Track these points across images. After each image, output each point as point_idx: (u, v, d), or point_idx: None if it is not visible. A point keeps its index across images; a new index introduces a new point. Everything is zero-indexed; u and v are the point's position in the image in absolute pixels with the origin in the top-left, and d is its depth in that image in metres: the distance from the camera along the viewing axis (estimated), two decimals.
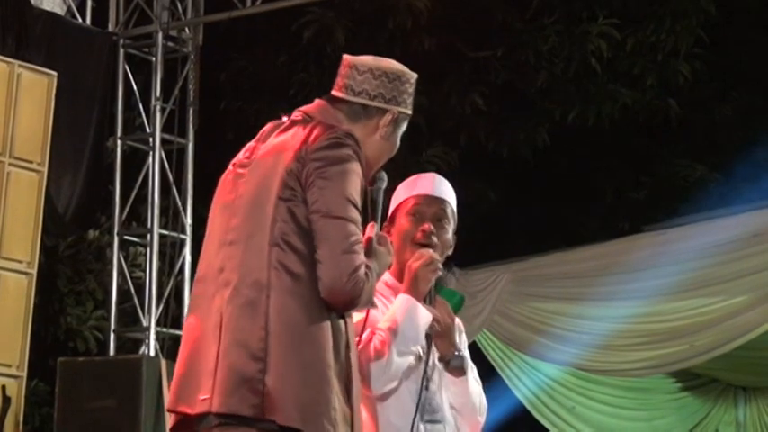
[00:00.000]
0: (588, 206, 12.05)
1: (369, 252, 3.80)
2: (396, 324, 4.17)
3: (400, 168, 11.26)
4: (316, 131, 3.74)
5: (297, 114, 3.89)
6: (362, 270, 3.65)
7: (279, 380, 3.61)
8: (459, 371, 4.30)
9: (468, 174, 11.59)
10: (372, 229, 3.88)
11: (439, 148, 11.65)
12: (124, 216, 10.01)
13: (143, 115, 10.07)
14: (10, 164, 8.23)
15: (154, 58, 10.04)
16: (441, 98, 11.71)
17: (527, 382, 9.68)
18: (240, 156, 3.88)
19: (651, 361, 8.88)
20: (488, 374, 9.71)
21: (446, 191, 4.43)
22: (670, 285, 8.43)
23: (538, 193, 11.98)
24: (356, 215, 3.68)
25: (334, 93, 3.90)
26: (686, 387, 10.31)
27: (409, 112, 3.98)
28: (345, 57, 3.98)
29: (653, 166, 12.15)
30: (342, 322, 3.74)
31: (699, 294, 8.47)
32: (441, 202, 4.38)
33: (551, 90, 11.76)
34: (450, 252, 4.43)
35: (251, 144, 3.89)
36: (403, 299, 4.21)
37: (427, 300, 4.24)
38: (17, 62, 8.39)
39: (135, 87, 10.06)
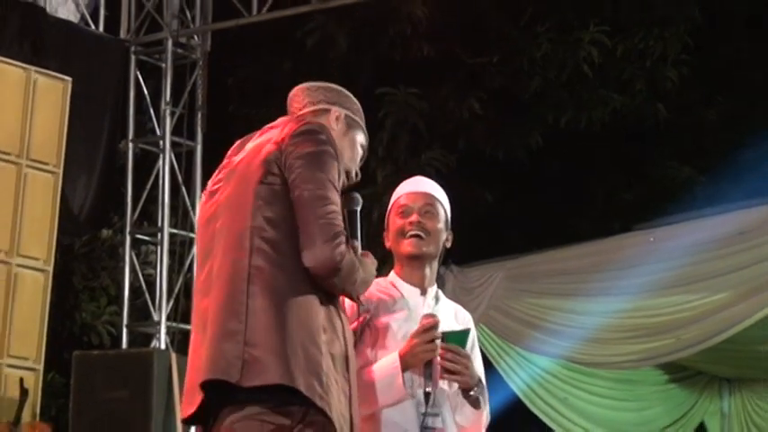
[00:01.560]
0: (580, 206, 12.02)
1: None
2: (372, 380, 4.17)
3: (401, 170, 11.37)
4: (291, 125, 3.80)
5: (265, 128, 3.93)
6: (342, 239, 3.65)
7: (261, 343, 3.59)
8: (476, 403, 4.27)
9: (465, 176, 11.60)
10: (354, 247, 3.87)
11: (438, 151, 11.62)
12: (136, 216, 10.05)
13: (154, 119, 10.12)
14: (27, 165, 8.29)
15: (164, 65, 10.08)
16: (439, 103, 11.72)
17: (521, 375, 9.64)
18: (215, 174, 3.91)
19: (640, 354, 8.86)
20: (484, 367, 9.73)
21: (431, 187, 4.47)
22: (658, 282, 8.43)
23: (532, 194, 11.96)
24: (334, 194, 3.71)
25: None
26: (673, 379, 10.28)
27: (359, 121, 4.04)
28: (295, 89, 4.07)
29: (642, 168, 12.14)
30: (336, 306, 3.75)
31: (685, 290, 8.45)
32: (426, 195, 4.41)
33: (545, 95, 11.74)
34: (448, 245, 4.44)
35: (222, 163, 3.92)
36: (389, 365, 4.19)
37: (426, 368, 4.20)
38: (33, 68, 8.44)
39: (146, 92, 10.09)
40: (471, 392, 4.25)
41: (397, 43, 11.66)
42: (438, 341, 4.21)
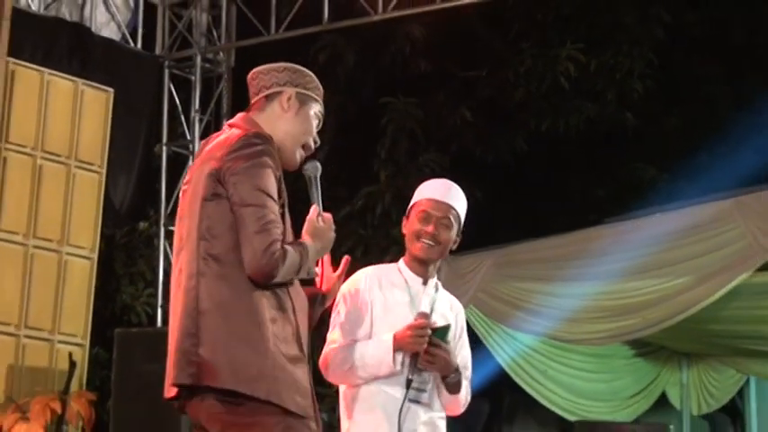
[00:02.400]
0: (558, 202, 11.96)
1: (309, 231, 3.79)
2: (370, 354, 4.27)
3: (402, 170, 11.44)
4: (229, 138, 3.70)
5: (224, 127, 3.89)
6: (276, 246, 3.57)
7: (211, 350, 3.55)
8: (455, 387, 4.36)
9: (457, 175, 11.41)
10: (315, 211, 3.83)
11: (433, 154, 11.63)
12: (169, 210, 10.01)
13: (184, 125, 10.12)
14: (75, 166, 8.33)
15: (193, 77, 10.09)
16: (434, 111, 11.74)
17: (507, 350, 9.62)
18: (183, 177, 3.93)
19: (610, 332, 8.84)
20: (474, 343, 9.69)
21: (453, 197, 4.48)
22: (626, 269, 8.39)
23: (517, 192, 11.95)
24: (268, 201, 3.62)
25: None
26: (639, 354, 10.30)
27: (312, 94, 3.89)
28: (250, 73, 3.96)
29: (612, 168, 12.11)
30: (283, 292, 3.68)
31: (650, 276, 8.41)
32: (447, 208, 4.43)
33: (527, 104, 11.72)
34: (454, 247, 4.50)
35: (195, 160, 3.89)
36: (382, 344, 4.27)
37: (413, 359, 4.27)
38: (81, 81, 8.48)
39: (178, 102, 10.07)
40: (447, 379, 4.34)
41: (398, 59, 11.68)
42: (426, 338, 4.27)
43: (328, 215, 3.88)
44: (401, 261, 4.50)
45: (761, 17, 11.74)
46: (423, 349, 4.26)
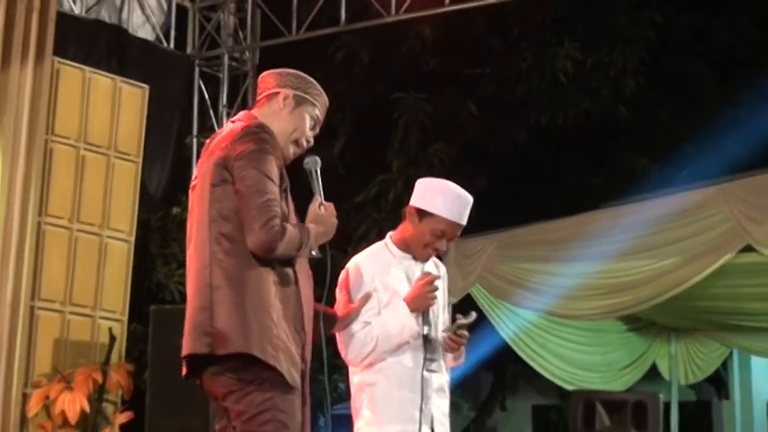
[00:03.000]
0: (557, 189, 11.98)
1: (311, 217, 3.82)
2: (386, 327, 4.21)
3: (413, 159, 11.45)
4: (234, 129, 3.78)
5: (227, 123, 3.96)
6: (275, 222, 3.61)
7: (223, 321, 3.60)
8: (459, 354, 4.40)
9: (463, 164, 11.64)
10: (316, 201, 3.87)
11: (441, 145, 11.61)
12: None
13: (213, 119, 10.09)
14: (114, 156, 8.29)
15: (221, 75, 10.08)
16: (443, 106, 11.71)
17: (509, 325, 9.62)
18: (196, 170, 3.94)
19: (604, 308, 8.86)
20: (479, 319, 9.75)
21: (467, 215, 4.36)
22: (620, 250, 8.39)
23: (518, 179, 11.96)
24: (269, 184, 3.65)
25: None
26: (631, 328, 10.31)
27: (309, 98, 3.92)
28: (261, 75, 4.02)
29: (607, 158, 12.09)
30: (288, 270, 3.72)
31: (641, 257, 8.41)
32: (460, 229, 4.35)
33: (528, 99, 11.69)
34: None
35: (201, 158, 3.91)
36: (398, 309, 4.23)
37: (425, 313, 4.26)
38: (119, 78, 8.45)
39: (207, 97, 10.07)
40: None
41: (409, 58, 11.68)
42: (437, 292, 4.29)
43: (330, 204, 3.90)
44: (388, 239, 4.41)
45: (743, 19, 11.73)
46: (433, 303, 4.26)
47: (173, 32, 9.80)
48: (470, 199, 4.39)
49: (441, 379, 4.38)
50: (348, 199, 11.04)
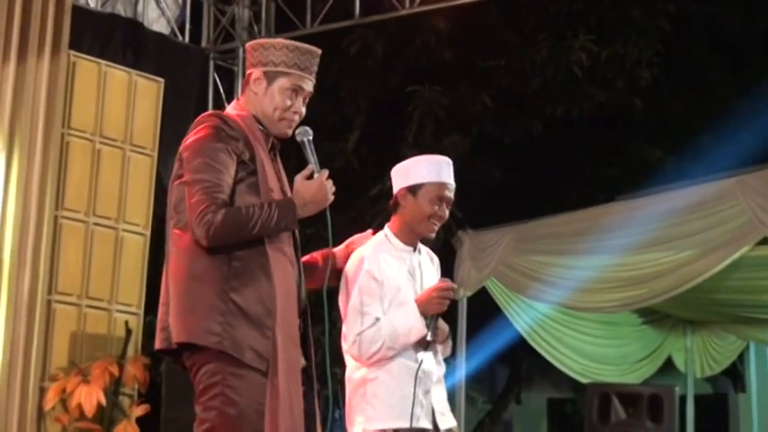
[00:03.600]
0: (572, 181, 12.00)
1: (294, 187, 3.78)
2: (394, 328, 4.24)
3: (427, 152, 11.41)
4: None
5: None
6: (206, 212, 3.56)
7: (174, 315, 3.63)
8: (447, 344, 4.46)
9: (478, 156, 11.64)
10: (308, 170, 3.81)
11: (456, 137, 11.55)
12: None
13: None
14: (130, 150, 8.31)
15: (236, 68, 10.08)
16: (457, 98, 11.66)
17: (525, 318, 9.65)
18: None
19: (620, 301, 8.88)
20: (495, 312, 9.78)
21: (452, 174, 4.44)
22: (635, 243, 8.42)
23: (533, 172, 11.95)
24: (208, 172, 3.61)
25: None
26: (647, 321, 10.32)
27: (281, 69, 3.80)
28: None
29: (622, 150, 12.07)
30: (253, 251, 3.65)
31: (657, 250, 8.42)
32: (453, 189, 4.39)
33: (543, 91, 11.63)
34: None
35: None
36: (408, 311, 4.25)
37: (432, 319, 4.28)
38: (134, 71, 8.46)
39: (222, 90, 10.07)
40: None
41: (423, 50, 11.62)
42: (449, 299, 4.30)
43: (323, 171, 3.82)
44: (387, 230, 4.41)
45: (757, 9, 11.69)
46: (445, 309, 4.27)
47: (188, 26, 9.82)
48: (449, 159, 4.44)
49: (439, 371, 4.42)
50: (363, 192, 11.05)
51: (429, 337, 4.27)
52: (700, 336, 10.56)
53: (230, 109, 3.89)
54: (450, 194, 4.37)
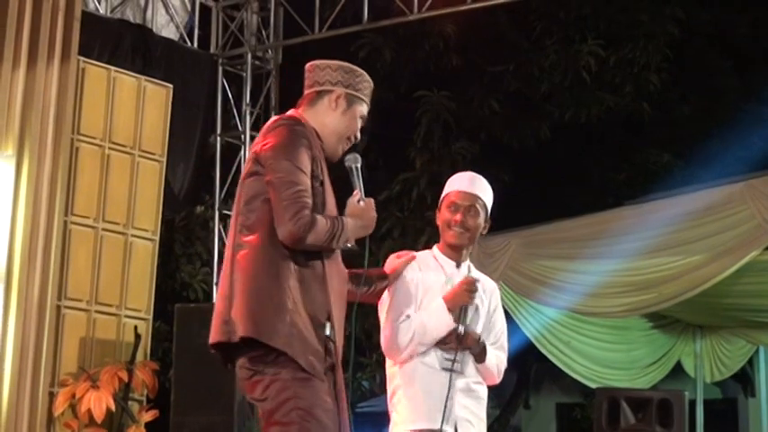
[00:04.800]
0: (581, 185, 12.01)
1: (348, 210, 3.82)
2: (424, 323, 4.34)
3: (436, 157, 11.46)
4: (269, 123, 3.80)
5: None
6: (304, 213, 3.61)
7: (238, 309, 3.61)
8: (481, 356, 4.44)
9: (486, 161, 11.60)
10: (356, 195, 3.88)
11: (464, 142, 11.63)
12: (223, 195, 10.05)
13: (236, 117, 10.11)
14: (138, 155, 8.32)
15: (245, 74, 10.09)
16: (465, 103, 11.74)
17: (533, 323, 9.61)
18: None
19: (629, 305, 8.86)
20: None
21: (479, 187, 4.56)
22: (644, 247, 8.40)
23: (541, 176, 11.98)
24: (298, 173, 3.66)
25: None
26: (656, 326, 10.26)
27: (361, 96, 3.92)
28: (308, 65, 3.96)
29: (630, 154, 12.10)
30: (317, 261, 3.71)
31: (665, 254, 8.41)
32: (472, 197, 4.51)
33: (552, 96, 11.72)
34: (484, 232, 4.58)
35: None
36: (438, 307, 4.37)
37: (461, 311, 4.37)
38: (143, 77, 8.48)
39: (230, 96, 10.07)
40: (471, 349, 4.42)
41: (432, 55, 11.68)
42: (475, 292, 4.39)
43: (369, 199, 3.93)
44: (435, 248, 4.57)
45: (766, 14, 11.69)
46: (472, 301, 4.37)
47: (196, 32, 9.84)
48: (478, 176, 4.62)
49: (467, 380, 4.45)
50: (371, 196, 11.07)
51: (460, 329, 4.36)
52: (709, 340, 10.52)
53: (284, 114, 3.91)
54: (465, 202, 4.49)
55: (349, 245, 3.82)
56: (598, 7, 11.71)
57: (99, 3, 8.98)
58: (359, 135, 3.97)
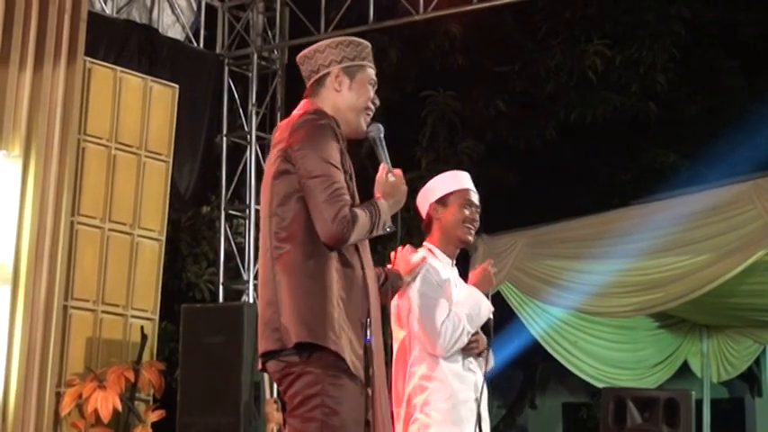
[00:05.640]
0: (587, 185, 11.98)
1: (380, 188, 3.74)
2: (468, 311, 4.39)
3: (441, 157, 11.46)
4: (292, 120, 3.69)
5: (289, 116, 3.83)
6: (345, 212, 3.54)
7: (288, 314, 3.55)
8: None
9: (492, 161, 11.66)
10: (384, 169, 3.79)
11: (470, 142, 11.60)
12: (229, 195, 10.09)
13: (242, 118, 10.14)
14: (145, 156, 8.37)
15: (250, 74, 10.13)
16: (471, 103, 11.70)
17: (540, 323, 9.63)
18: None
19: (635, 305, 8.87)
20: (510, 317, 9.76)
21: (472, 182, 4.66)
22: (650, 247, 8.42)
23: (547, 176, 11.95)
24: (332, 170, 3.58)
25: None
26: (662, 325, 10.27)
27: (358, 63, 3.80)
28: (297, 58, 3.88)
29: (636, 154, 12.06)
30: (352, 253, 3.66)
31: (672, 254, 8.42)
32: (478, 196, 4.59)
33: (557, 96, 11.66)
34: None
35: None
36: (472, 291, 4.45)
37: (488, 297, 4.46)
38: (149, 78, 8.53)
39: (236, 96, 10.10)
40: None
41: (438, 55, 11.66)
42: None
43: (398, 170, 3.83)
44: (431, 246, 4.54)
45: None
46: (496, 282, 4.53)
47: (202, 32, 9.87)
48: (466, 172, 4.70)
49: (482, 378, 4.50)
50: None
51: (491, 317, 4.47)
52: (716, 340, 10.53)
53: (302, 108, 3.80)
54: (476, 200, 4.56)
55: (388, 229, 3.72)
56: (604, 7, 11.69)
57: (105, 3, 9.00)
58: (377, 100, 3.87)
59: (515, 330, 9.97)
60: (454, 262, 4.58)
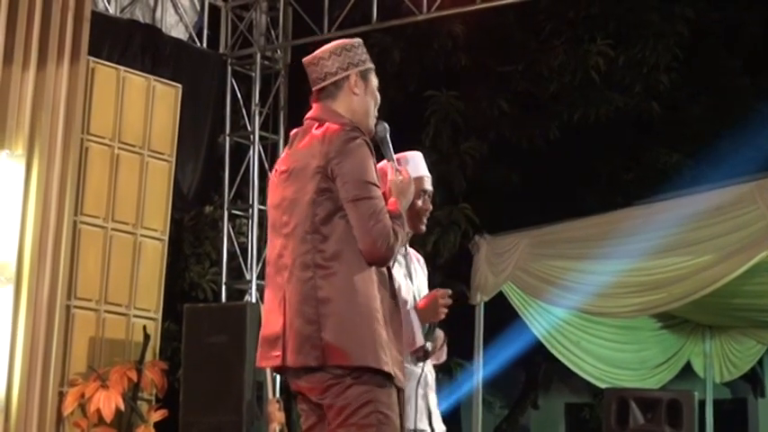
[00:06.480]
0: (590, 185, 11.98)
1: (394, 191, 3.78)
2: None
3: (445, 157, 11.45)
4: (328, 134, 3.68)
5: (308, 122, 3.82)
6: (389, 232, 3.61)
7: (334, 333, 3.57)
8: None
9: (495, 161, 11.65)
10: (392, 170, 3.84)
11: (473, 141, 11.59)
12: (232, 195, 10.11)
13: (245, 117, 10.16)
14: (148, 155, 8.39)
15: (254, 74, 10.15)
16: (474, 103, 11.69)
17: (542, 323, 9.57)
18: (280, 162, 3.86)
19: (638, 305, 8.83)
20: (512, 317, 9.76)
21: (425, 166, 4.36)
22: (653, 247, 8.37)
23: (550, 176, 11.95)
24: (375, 191, 3.62)
25: (314, 90, 3.84)
26: (665, 326, 10.24)
27: (369, 65, 3.85)
28: (303, 60, 3.90)
29: (640, 154, 12.06)
30: (384, 274, 3.72)
31: (675, 254, 8.38)
32: (430, 180, 4.32)
33: (560, 96, 11.66)
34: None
35: (286, 151, 3.87)
36: (416, 321, 4.16)
37: (430, 327, 4.18)
38: (152, 77, 8.55)
39: (239, 96, 10.12)
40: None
41: (441, 55, 11.65)
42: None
43: (404, 169, 3.88)
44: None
45: None
46: (442, 317, 4.18)
47: (205, 32, 9.90)
48: (419, 153, 4.38)
49: (433, 374, 4.40)
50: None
51: (428, 347, 4.23)
52: (719, 340, 10.52)
53: (330, 117, 3.80)
54: (430, 185, 4.30)
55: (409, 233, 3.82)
56: (607, 7, 11.69)
57: (108, 3, 9.02)
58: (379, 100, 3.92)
59: (518, 330, 9.97)
60: (405, 251, 4.32)
